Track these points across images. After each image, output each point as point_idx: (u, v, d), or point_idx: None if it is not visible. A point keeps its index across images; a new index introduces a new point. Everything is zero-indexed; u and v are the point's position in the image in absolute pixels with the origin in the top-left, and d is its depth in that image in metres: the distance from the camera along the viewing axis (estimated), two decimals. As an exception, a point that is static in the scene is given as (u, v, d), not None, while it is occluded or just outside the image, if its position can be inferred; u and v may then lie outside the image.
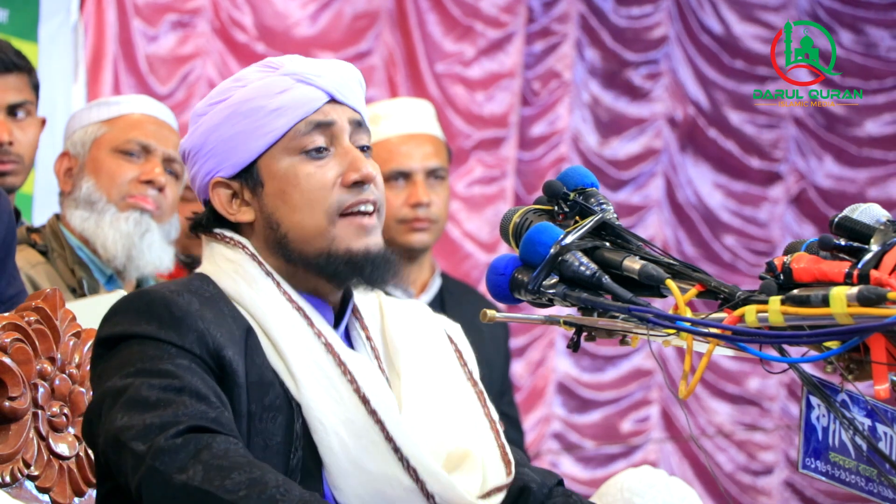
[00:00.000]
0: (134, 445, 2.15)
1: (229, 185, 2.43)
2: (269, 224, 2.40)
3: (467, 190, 7.32)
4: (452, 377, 2.47)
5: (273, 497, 2.07)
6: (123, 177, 3.89)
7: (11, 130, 3.87)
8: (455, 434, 2.38)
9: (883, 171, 8.01)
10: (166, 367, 2.23)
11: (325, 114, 2.41)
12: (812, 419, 2.04)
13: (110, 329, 2.32)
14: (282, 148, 2.40)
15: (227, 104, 2.41)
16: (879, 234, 1.95)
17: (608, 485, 3.18)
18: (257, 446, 2.26)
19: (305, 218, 2.38)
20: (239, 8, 6.78)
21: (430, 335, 2.51)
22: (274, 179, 2.40)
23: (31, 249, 3.85)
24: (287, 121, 2.39)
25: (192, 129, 2.46)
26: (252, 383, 2.28)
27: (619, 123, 7.72)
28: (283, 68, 2.43)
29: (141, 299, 2.33)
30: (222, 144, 2.41)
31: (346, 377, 2.31)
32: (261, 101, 2.39)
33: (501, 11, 7.41)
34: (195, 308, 2.29)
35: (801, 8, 7.88)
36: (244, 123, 2.39)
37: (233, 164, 2.42)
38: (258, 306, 2.35)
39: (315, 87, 2.41)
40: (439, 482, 2.27)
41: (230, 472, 2.10)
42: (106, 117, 3.96)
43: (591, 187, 2.27)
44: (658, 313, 2.01)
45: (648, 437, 7.58)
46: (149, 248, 3.85)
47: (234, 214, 2.43)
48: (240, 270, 2.38)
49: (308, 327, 2.35)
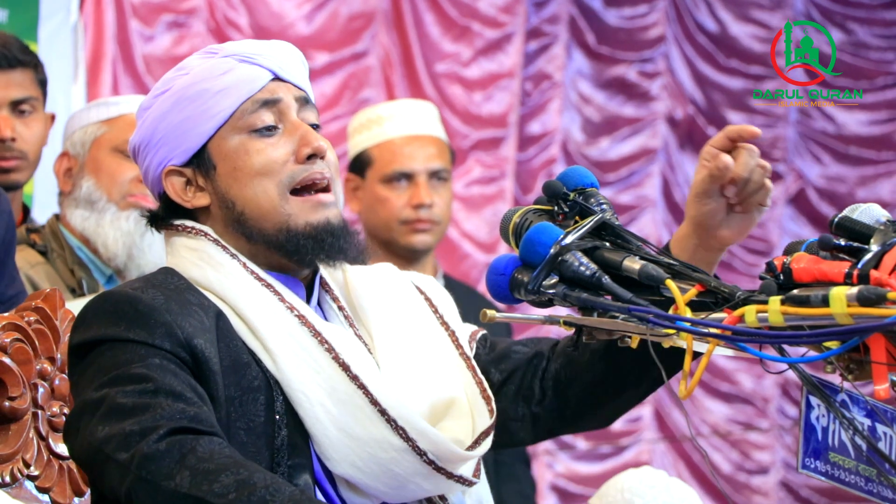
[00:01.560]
0: (117, 456, 2.15)
1: (182, 173, 2.43)
2: (225, 204, 2.40)
3: (466, 190, 7.32)
4: (423, 325, 2.47)
5: (263, 498, 2.06)
6: (124, 176, 3.89)
7: (14, 126, 3.86)
8: (436, 383, 2.40)
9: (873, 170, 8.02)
10: (139, 371, 2.22)
11: (270, 91, 2.42)
12: (812, 419, 2.05)
13: (80, 336, 2.32)
14: (230, 128, 2.41)
15: (172, 92, 2.42)
16: (879, 234, 1.95)
17: (608, 485, 3.18)
18: (240, 429, 2.26)
19: (259, 193, 2.38)
20: (234, 8, 6.78)
21: (394, 290, 2.51)
22: (225, 159, 2.40)
23: (31, 249, 3.85)
24: (233, 101, 2.40)
25: (140, 123, 2.47)
26: (227, 368, 2.28)
27: (613, 123, 7.72)
28: (224, 51, 2.45)
29: (106, 301, 2.33)
30: (172, 132, 2.42)
31: (324, 346, 2.31)
32: (205, 84, 2.40)
33: (499, 11, 7.41)
34: (160, 302, 2.29)
35: (795, 8, 7.89)
36: (191, 108, 2.40)
37: (184, 150, 2.42)
38: (227, 288, 2.35)
39: (258, 66, 2.42)
40: (428, 439, 2.28)
41: (218, 475, 2.09)
42: (105, 117, 3.96)
43: (590, 187, 2.27)
44: (658, 313, 2.01)
45: (640, 438, 7.59)
46: (149, 246, 3.85)
47: (189, 201, 2.43)
48: (204, 257, 2.39)
49: (279, 302, 2.35)
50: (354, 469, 2.28)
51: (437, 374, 2.41)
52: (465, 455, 2.32)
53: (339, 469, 2.29)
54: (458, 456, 2.31)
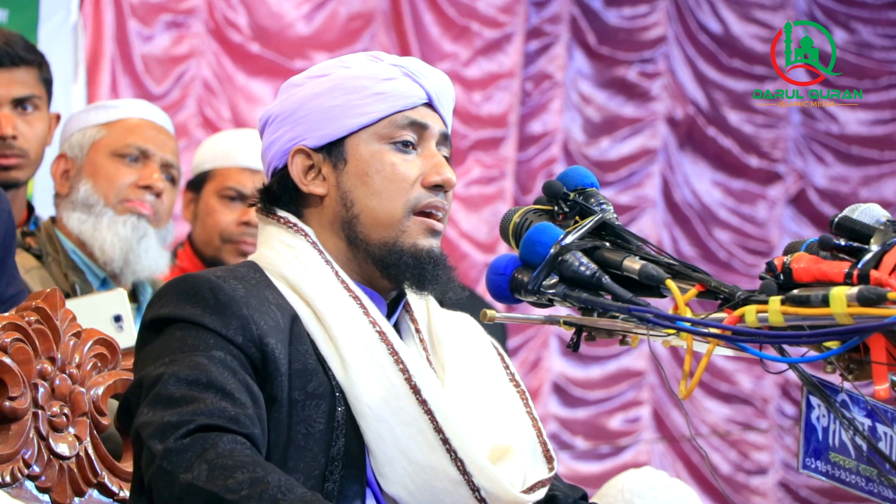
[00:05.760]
0: (151, 443, 2.18)
1: (310, 156, 2.45)
2: (344, 202, 2.43)
3: (465, 190, 7.32)
4: (495, 375, 2.49)
5: (274, 497, 2.08)
6: (122, 181, 3.89)
7: (16, 124, 3.86)
8: (497, 428, 2.41)
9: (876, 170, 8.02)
10: (199, 360, 2.24)
11: (421, 115, 2.45)
12: (812, 419, 2.05)
13: (156, 311, 2.34)
14: (373, 132, 2.43)
15: (330, 78, 2.45)
16: (879, 234, 1.95)
17: (609, 486, 3.19)
18: (299, 433, 2.27)
19: (383, 204, 2.41)
20: (233, 8, 6.78)
21: (474, 337, 2.54)
22: (359, 160, 2.43)
23: (26, 253, 3.84)
24: (386, 107, 2.43)
25: (284, 96, 2.48)
26: (295, 371, 2.30)
27: (614, 123, 7.72)
28: (390, 60, 2.48)
29: (187, 283, 2.34)
30: (317, 114, 2.44)
31: (399, 366, 2.33)
32: (366, 83, 2.43)
33: (499, 11, 7.41)
34: (240, 295, 2.31)
35: (798, 8, 7.88)
36: (345, 98, 2.43)
37: (321, 135, 2.44)
38: (315, 291, 2.36)
39: (418, 85, 2.46)
40: (486, 475, 2.29)
41: (233, 471, 2.11)
42: (104, 121, 3.96)
43: (591, 187, 2.27)
44: (658, 313, 2.01)
45: (639, 438, 7.59)
46: (146, 252, 3.85)
47: (307, 185, 2.45)
48: (299, 256, 2.40)
49: (363, 315, 2.36)
50: (406, 492, 2.29)
51: (502, 420, 2.43)
52: (519, 498, 2.33)
53: (391, 488, 2.30)
54: (512, 497, 2.31)
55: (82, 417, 2.55)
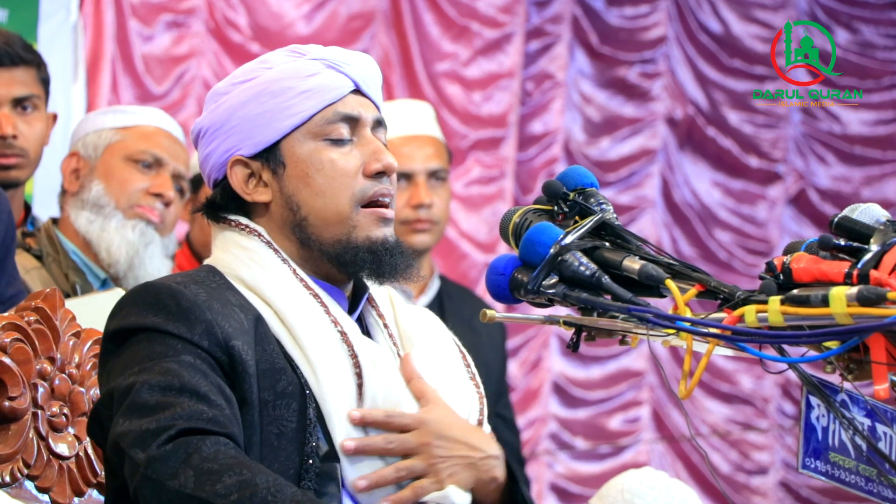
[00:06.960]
0: (132, 453, 2.17)
1: (248, 165, 2.43)
2: (289, 206, 2.41)
3: (465, 190, 7.32)
4: (457, 375, 2.49)
5: (265, 499, 2.08)
6: (134, 186, 3.92)
7: (16, 123, 3.87)
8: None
9: (878, 170, 8.02)
10: (169, 366, 2.23)
11: (351, 107, 2.43)
12: (812, 419, 2.05)
13: (118, 322, 2.33)
14: (305, 131, 2.41)
15: (254, 83, 2.42)
16: (879, 234, 1.95)
17: (609, 486, 3.19)
18: (271, 434, 2.27)
19: (329, 202, 2.39)
20: (233, 8, 6.78)
21: (438, 333, 2.54)
22: (297, 162, 2.41)
23: (27, 254, 3.85)
24: (315, 104, 2.41)
25: (213, 107, 2.45)
26: (263, 371, 2.29)
27: (614, 123, 7.72)
28: (311, 53, 2.45)
29: (148, 291, 2.33)
30: (247, 122, 2.41)
31: (356, 370, 2.33)
32: (291, 83, 2.41)
33: (499, 11, 7.40)
34: (202, 299, 2.30)
35: (799, 7, 7.88)
36: (273, 103, 2.40)
37: (255, 142, 2.42)
38: (275, 292, 2.35)
39: (343, 74, 2.43)
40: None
41: (220, 475, 2.11)
42: (121, 125, 3.99)
43: (590, 187, 2.27)
44: (658, 313, 2.01)
45: (639, 438, 7.59)
46: (150, 259, 3.88)
47: (250, 194, 2.43)
48: (255, 257, 2.39)
49: (325, 315, 2.36)
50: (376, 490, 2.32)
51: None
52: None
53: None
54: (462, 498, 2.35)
55: (82, 417, 2.55)
